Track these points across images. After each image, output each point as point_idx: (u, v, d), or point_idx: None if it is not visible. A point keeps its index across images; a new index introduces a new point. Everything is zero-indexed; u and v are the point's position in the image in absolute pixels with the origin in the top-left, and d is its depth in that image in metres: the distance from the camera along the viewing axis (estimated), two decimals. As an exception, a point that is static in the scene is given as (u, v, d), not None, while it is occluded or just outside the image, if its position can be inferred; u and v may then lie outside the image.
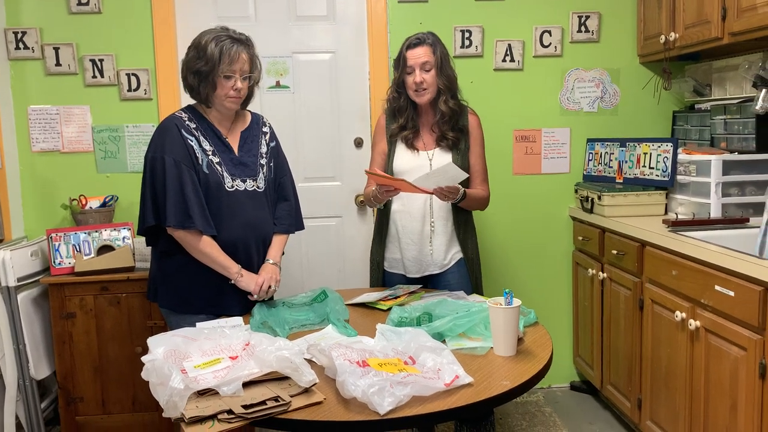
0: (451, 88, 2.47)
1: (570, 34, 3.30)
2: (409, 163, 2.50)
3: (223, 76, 2.14)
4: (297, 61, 3.26)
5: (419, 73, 2.41)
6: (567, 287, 3.45)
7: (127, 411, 2.92)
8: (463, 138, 2.50)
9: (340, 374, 1.50)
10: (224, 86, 2.16)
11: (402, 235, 2.52)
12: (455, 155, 2.48)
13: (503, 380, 1.61)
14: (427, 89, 2.44)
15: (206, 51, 2.12)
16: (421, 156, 2.50)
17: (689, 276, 2.29)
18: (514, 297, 1.77)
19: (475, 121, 2.56)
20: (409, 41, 2.46)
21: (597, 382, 3.15)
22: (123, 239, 2.98)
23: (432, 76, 2.42)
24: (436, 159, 2.48)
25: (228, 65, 2.13)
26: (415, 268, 2.53)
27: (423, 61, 2.41)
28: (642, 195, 2.97)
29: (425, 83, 2.42)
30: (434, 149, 2.50)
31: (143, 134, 3.16)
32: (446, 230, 2.51)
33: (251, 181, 2.25)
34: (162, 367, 1.51)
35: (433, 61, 2.42)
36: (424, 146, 2.51)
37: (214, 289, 2.20)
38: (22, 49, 3.07)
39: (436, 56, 2.42)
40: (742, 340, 2.02)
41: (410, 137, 2.51)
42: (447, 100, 2.46)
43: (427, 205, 2.48)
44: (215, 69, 2.13)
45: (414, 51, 2.43)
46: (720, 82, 3.01)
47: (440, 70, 2.43)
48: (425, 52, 2.42)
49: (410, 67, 2.43)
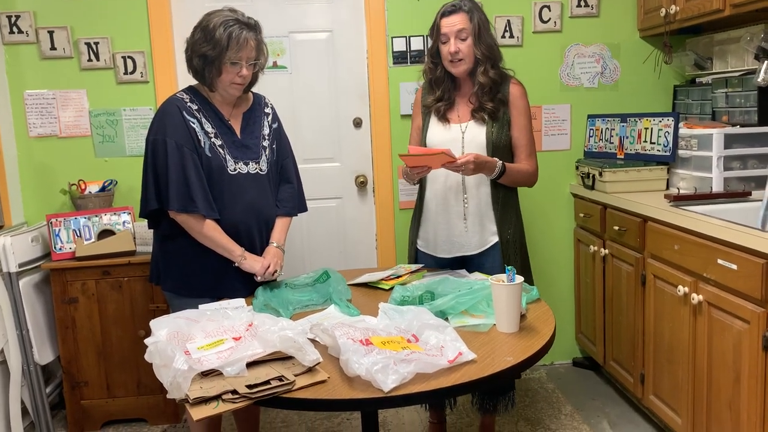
0: (491, 58, 2.32)
1: (569, 8, 3.27)
2: (441, 137, 2.39)
3: (229, 62, 2.10)
4: (294, 41, 3.22)
5: (454, 42, 2.29)
6: (569, 264, 3.44)
7: (132, 394, 2.93)
8: (503, 109, 2.35)
9: (343, 353, 1.50)
10: (230, 72, 2.12)
11: (434, 214, 2.43)
12: (490, 127, 2.34)
13: (506, 356, 1.60)
14: (463, 59, 2.31)
15: (214, 35, 2.07)
16: (453, 129, 2.38)
17: (691, 250, 2.28)
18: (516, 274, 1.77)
19: (518, 91, 2.38)
20: (444, 8, 2.32)
21: (600, 358, 3.16)
22: (123, 223, 2.97)
23: (468, 45, 2.29)
24: (469, 132, 2.36)
25: (235, 52, 2.09)
26: (445, 249, 2.43)
27: (458, 28, 2.28)
28: (643, 170, 2.95)
29: (461, 53, 2.29)
30: (468, 122, 2.37)
31: (141, 117, 3.14)
32: (479, 209, 2.38)
33: (254, 163, 2.24)
34: (165, 349, 1.51)
35: (469, 29, 2.27)
36: (458, 119, 2.39)
37: (216, 272, 2.19)
38: (16, 33, 3.05)
39: (473, 24, 2.27)
40: (745, 313, 2.02)
41: (442, 109, 2.40)
42: (487, 70, 2.31)
43: (462, 181, 2.37)
44: (222, 55, 2.08)
45: (449, 18, 2.29)
46: (721, 54, 2.98)
47: (478, 39, 2.28)
48: (461, 19, 2.28)
49: (444, 36, 2.30)
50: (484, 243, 2.41)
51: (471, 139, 2.36)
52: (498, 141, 2.34)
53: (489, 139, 2.34)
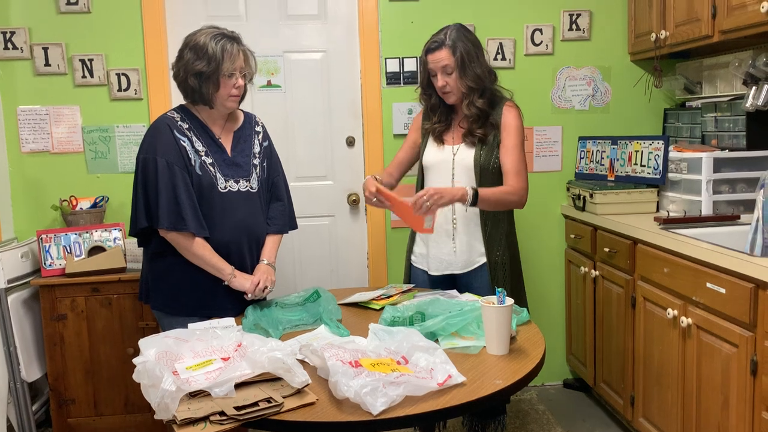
0: (477, 89, 2.35)
1: (561, 32, 3.31)
2: (435, 157, 2.45)
3: (226, 75, 2.12)
4: (288, 60, 3.25)
5: (441, 77, 2.34)
6: (559, 285, 3.45)
7: (119, 413, 2.90)
8: (493, 133, 2.38)
9: (332, 375, 1.50)
10: (227, 85, 2.14)
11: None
12: (478, 150, 2.38)
13: (496, 379, 1.60)
14: (451, 91, 2.36)
15: (207, 51, 2.09)
16: (446, 150, 2.43)
17: (681, 273, 2.29)
18: (506, 296, 1.77)
19: (511, 114, 2.39)
20: (428, 44, 2.37)
21: (590, 379, 3.16)
22: (114, 240, 2.96)
23: (454, 78, 2.33)
24: (459, 154, 2.40)
25: (230, 63, 2.12)
26: (436, 266, 2.47)
27: (443, 65, 2.32)
28: (633, 193, 2.98)
29: (448, 86, 2.35)
30: (460, 144, 2.42)
31: (134, 134, 3.14)
32: (468, 229, 2.41)
33: (244, 181, 2.24)
34: (153, 369, 1.50)
35: (452, 64, 2.31)
36: (452, 140, 2.44)
37: (206, 291, 2.19)
38: (10, 49, 3.05)
39: (456, 58, 2.30)
40: (733, 336, 2.02)
41: (439, 131, 2.45)
42: (473, 101, 2.35)
43: None
44: (219, 68, 2.10)
45: (433, 55, 2.34)
46: (710, 79, 3.02)
47: (462, 72, 2.32)
48: (444, 55, 2.32)
49: (432, 71, 2.37)
50: (472, 263, 2.43)
51: (460, 160, 2.40)
52: (486, 164, 2.37)
53: (477, 162, 2.37)
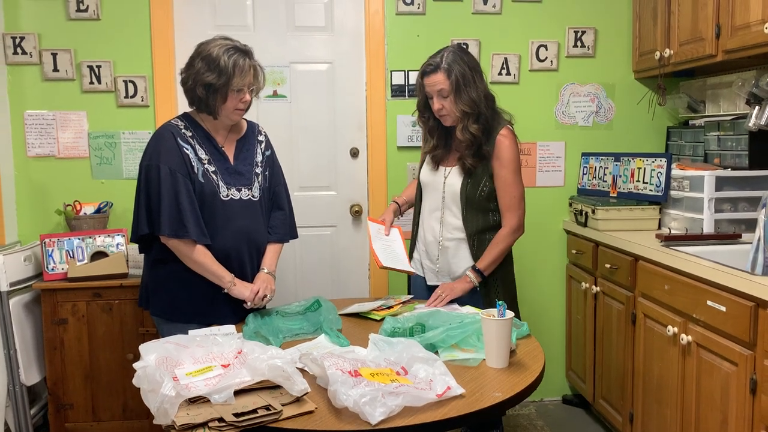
0: (472, 113, 2.31)
1: (566, 48, 3.33)
2: (429, 178, 2.48)
3: (235, 89, 2.13)
4: (294, 71, 3.27)
5: (437, 101, 2.34)
6: (560, 300, 3.45)
7: (117, 419, 2.90)
8: (483, 164, 2.36)
9: (331, 384, 1.50)
10: (234, 99, 2.15)
11: (420, 242, 2.51)
12: (465, 180, 2.37)
13: (495, 392, 1.60)
14: (447, 114, 2.36)
15: (219, 64, 2.09)
16: (439, 172, 2.44)
17: (681, 291, 2.30)
18: (506, 309, 1.78)
19: (505, 143, 2.34)
20: (424, 67, 2.35)
21: (589, 395, 3.15)
22: (117, 245, 2.97)
23: (450, 102, 2.31)
24: (449, 178, 2.41)
25: (240, 79, 2.12)
26: (431, 275, 2.50)
27: (438, 88, 2.31)
28: (636, 209, 2.98)
29: (444, 109, 2.34)
30: (453, 167, 2.41)
31: (139, 141, 3.16)
32: (458, 251, 2.42)
33: (246, 190, 2.26)
34: (153, 374, 1.51)
35: (448, 87, 2.29)
36: (447, 163, 2.45)
37: (206, 298, 2.19)
38: (20, 54, 3.08)
39: (452, 81, 2.28)
40: (733, 355, 2.02)
41: (438, 154, 2.46)
42: (467, 126, 2.32)
43: (440, 221, 2.43)
44: (229, 83, 2.11)
45: (428, 78, 2.34)
46: (714, 98, 3.04)
47: (457, 96, 2.30)
48: (440, 79, 2.29)
49: (428, 93, 2.37)
50: (461, 274, 2.42)
51: (449, 185, 2.41)
52: (472, 195, 2.37)
53: (463, 192, 2.38)
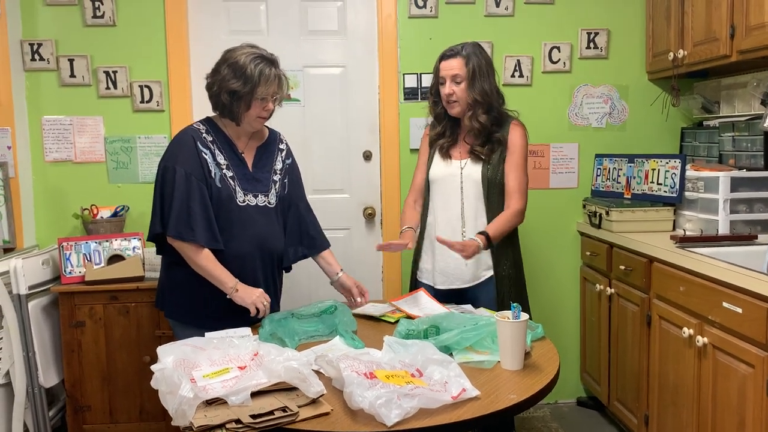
0: (483, 103, 2.40)
1: (579, 50, 3.32)
2: (442, 171, 2.50)
3: (259, 98, 2.15)
4: (308, 75, 3.29)
5: (449, 85, 2.41)
6: (575, 302, 3.44)
7: (134, 420, 2.93)
8: (498, 149, 2.44)
9: (347, 385, 1.51)
10: (258, 107, 2.17)
11: (432, 244, 2.49)
12: (485, 167, 2.43)
13: (510, 394, 1.61)
14: (457, 101, 2.42)
15: (245, 72, 2.11)
16: (453, 165, 2.48)
17: (697, 292, 2.29)
18: (521, 311, 1.78)
19: (516, 131, 2.46)
20: (444, 52, 2.45)
21: (604, 398, 3.14)
22: (133, 249, 3.00)
23: (462, 89, 2.40)
24: (467, 169, 2.45)
25: (266, 88, 2.14)
26: (442, 280, 2.49)
27: (454, 73, 2.39)
28: (650, 211, 2.97)
29: (455, 95, 2.40)
30: (467, 159, 2.47)
31: (155, 145, 3.19)
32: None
33: (263, 196, 2.27)
34: (172, 376, 1.53)
35: (463, 74, 2.39)
36: (459, 155, 2.49)
37: (220, 301, 2.20)
38: (37, 61, 3.12)
39: (468, 68, 2.39)
40: (749, 357, 2.01)
41: (446, 146, 2.50)
42: (477, 115, 2.41)
43: (461, 214, 2.45)
44: (254, 91, 2.13)
45: (446, 62, 2.42)
46: (728, 99, 3.02)
47: (472, 84, 2.39)
48: (458, 64, 2.40)
49: (442, 78, 2.43)
50: (478, 276, 2.46)
51: (468, 175, 2.45)
52: (493, 178, 2.42)
53: (484, 176, 2.42)
